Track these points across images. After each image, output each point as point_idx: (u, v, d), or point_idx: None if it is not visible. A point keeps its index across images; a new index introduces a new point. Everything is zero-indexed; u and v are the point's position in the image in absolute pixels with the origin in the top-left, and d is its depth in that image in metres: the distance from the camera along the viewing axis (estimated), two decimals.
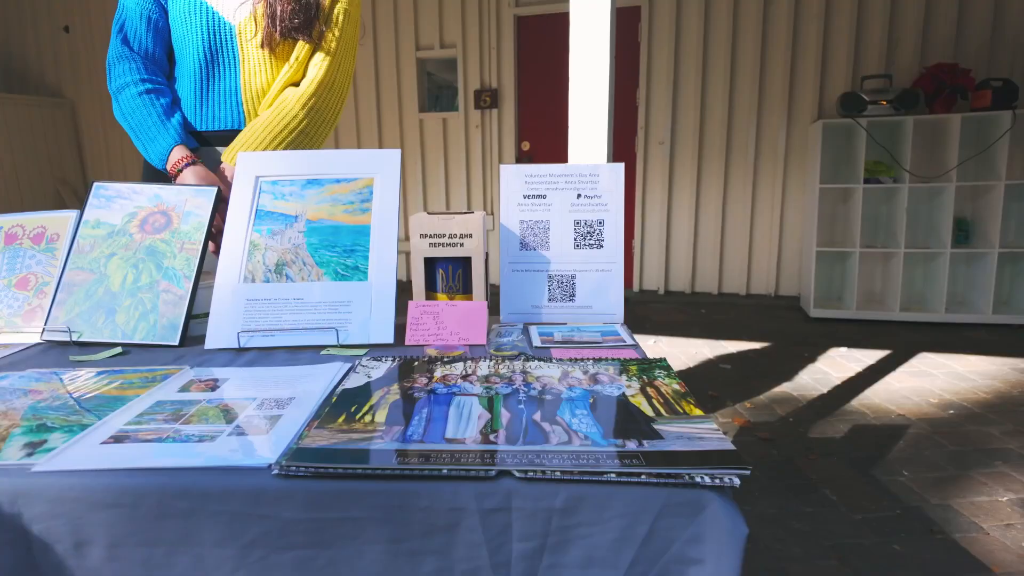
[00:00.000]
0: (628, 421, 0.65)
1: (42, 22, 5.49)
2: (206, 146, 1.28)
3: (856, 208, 3.74)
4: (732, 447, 0.59)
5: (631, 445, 0.59)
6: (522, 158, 4.65)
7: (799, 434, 2.33)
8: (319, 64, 1.25)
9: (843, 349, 3.30)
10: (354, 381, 0.78)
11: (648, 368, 0.82)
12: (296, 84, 1.26)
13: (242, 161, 1.06)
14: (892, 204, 3.79)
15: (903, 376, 2.91)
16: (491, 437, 0.61)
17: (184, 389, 0.77)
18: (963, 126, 3.49)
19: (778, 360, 3.16)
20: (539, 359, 0.85)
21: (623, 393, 0.73)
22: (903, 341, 3.41)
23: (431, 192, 4.91)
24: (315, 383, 0.78)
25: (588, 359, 0.85)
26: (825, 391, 2.73)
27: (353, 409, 0.69)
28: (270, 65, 1.25)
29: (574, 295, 1.06)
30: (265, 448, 0.60)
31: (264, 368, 0.85)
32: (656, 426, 0.64)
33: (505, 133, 4.65)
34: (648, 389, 0.75)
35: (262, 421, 0.67)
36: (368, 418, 0.66)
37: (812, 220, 3.83)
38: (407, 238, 1.12)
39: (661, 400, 0.71)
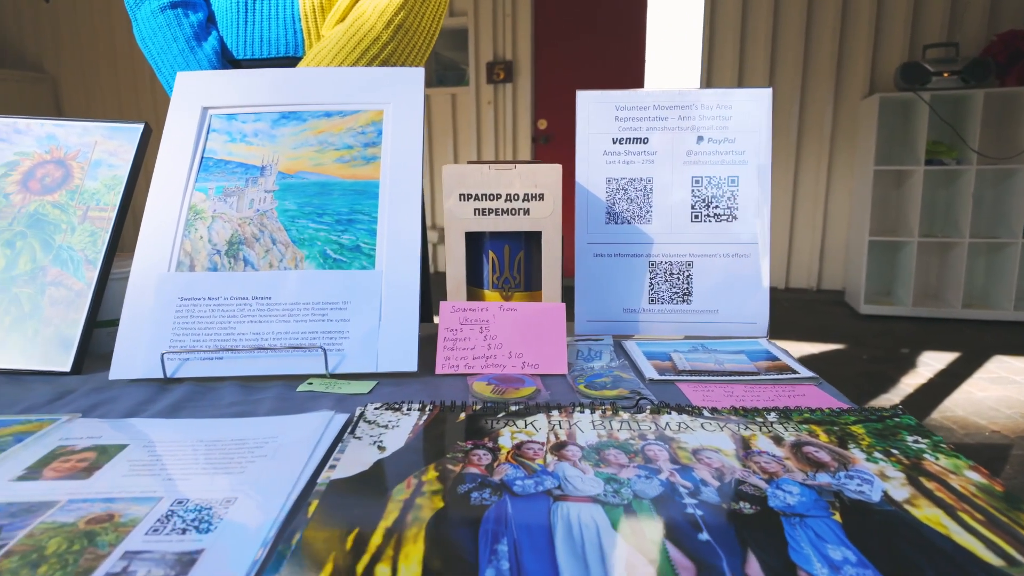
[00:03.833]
0: None
1: None
2: None
3: (913, 193, 3.35)
4: None
5: None
6: (538, 138, 4.26)
7: None
8: None
9: (907, 351, 2.93)
10: (354, 459, 0.41)
11: (887, 431, 0.45)
12: None
13: (181, 83, 0.69)
14: (953, 188, 3.40)
15: (983, 383, 2.54)
16: None
17: (34, 469, 0.41)
18: None
19: (835, 364, 2.79)
20: (677, 410, 0.49)
21: (885, 494, 0.37)
22: (971, 342, 3.04)
23: (438, 176, 4.52)
24: (280, 460, 0.42)
25: (769, 412, 0.48)
26: (898, 401, 2.37)
27: (351, 542, 0.32)
28: None
29: (691, 293, 0.69)
30: None
31: (196, 422, 0.49)
32: None
33: (520, 110, 4.25)
34: (926, 483, 0.38)
35: (157, 571, 0.31)
36: (384, 570, 0.30)
37: (864, 206, 3.44)
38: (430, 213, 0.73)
39: (977, 513, 0.35)
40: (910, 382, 2.56)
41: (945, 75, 3.23)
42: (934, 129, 3.28)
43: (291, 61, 0.88)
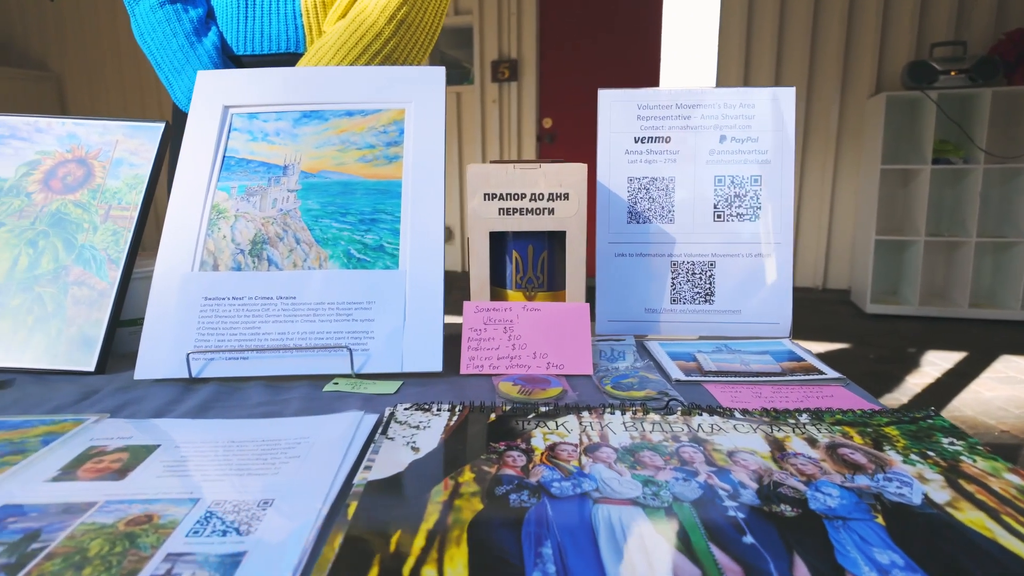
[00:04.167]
0: None
1: None
2: None
3: (920, 192, 3.34)
4: None
5: None
6: (543, 136, 4.26)
7: None
8: None
9: (913, 351, 2.92)
10: (389, 459, 0.41)
11: (921, 432, 0.45)
12: None
13: (203, 82, 0.69)
14: (960, 188, 3.39)
15: (990, 383, 2.53)
16: None
17: (67, 470, 0.41)
18: None
19: (842, 363, 2.79)
20: (708, 411, 0.48)
21: (926, 497, 0.37)
22: (978, 342, 3.03)
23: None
24: (313, 461, 0.42)
25: (800, 413, 0.48)
26: (906, 400, 2.36)
27: (393, 543, 0.32)
28: None
29: (713, 293, 0.69)
30: None
31: (226, 422, 0.49)
32: None
33: (525, 108, 4.25)
34: (966, 486, 0.38)
35: (202, 573, 0.30)
36: (431, 572, 0.30)
37: (870, 205, 3.43)
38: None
39: (1021, 516, 0.35)
40: (917, 382, 2.55)
41: (952, 74, 3.21)
42: (941, 128, 3.27)
43: (292, 57, 0.88)
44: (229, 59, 0.88)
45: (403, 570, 0.30)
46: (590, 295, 0.64)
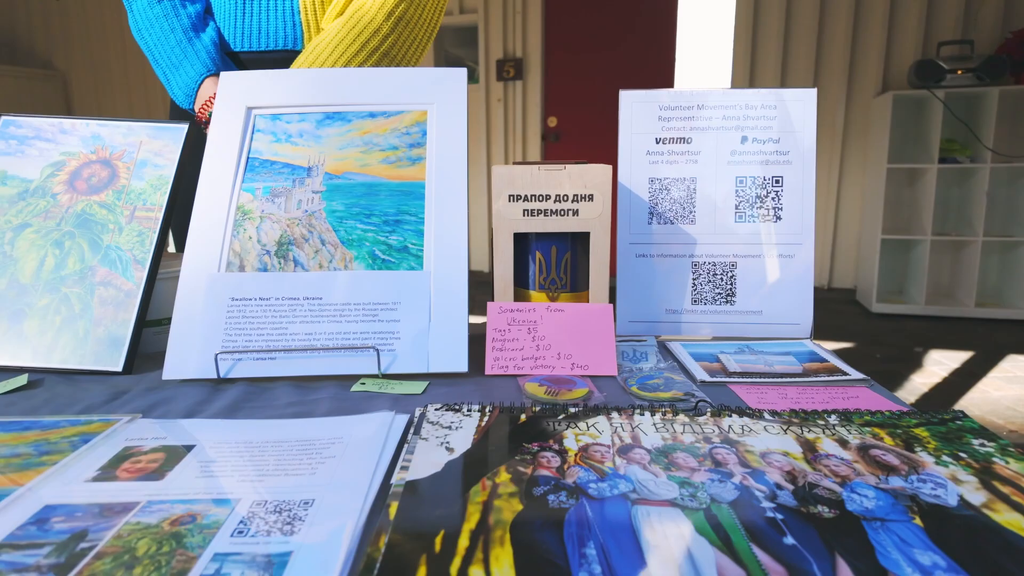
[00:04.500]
0: None
1: None
2: None
3: (926, 191, 3.33)
4: None
5: None
6: (548, 135, 4.26)
7: None
8: None
9: (919, 350, 2.92)
10: (425, 460, 0.41)
11: (951, 434, 0.45)
12: None
13: (225, 83, 0.69)
14: (966, 187, 3.38)
15: (998, 383, 2.53)
16: None
17: (106, 470, 0.41)
18: None
19: (848, 361, 2.78)
20: (738, 412, 0.49)
21: (962, 498, 0.37)
22: (985, 341, 3.03)
23: None
24: (350, 461, 0.42)
25: (829, 414, 0.48)
26: (913, 400, 2.36)
27: (438, 543, 0.33)
28: None
29: (734, 294, 0.69)
30: None
31: (259, 423, 0.49)
32: None
33: (530, 107, 4.25)
34: (1001, 488, 0.38)
35: (251, 573, 0.31)
36: (478, 572, 0.30)
37: (876, 204, 3.43)
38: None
39: None
40: (924, 381, 2.55)
41: (959, 72, 3.20)
42: (948, 127, 3.27)
43: (290, 54, 0.88)
44: (227, 56, 0.88)
45: (451, 570, 0.30)
46: (611, 296, 0.64)
